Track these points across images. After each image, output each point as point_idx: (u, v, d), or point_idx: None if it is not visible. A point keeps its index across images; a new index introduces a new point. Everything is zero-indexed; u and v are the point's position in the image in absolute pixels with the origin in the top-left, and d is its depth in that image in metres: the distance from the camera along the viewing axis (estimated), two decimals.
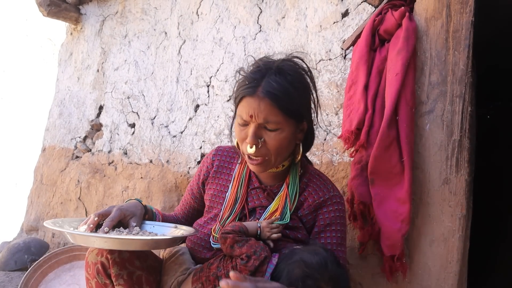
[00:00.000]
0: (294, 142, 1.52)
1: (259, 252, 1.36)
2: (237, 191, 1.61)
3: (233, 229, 1.43)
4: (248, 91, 1.39)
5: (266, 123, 1.39)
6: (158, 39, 3.30)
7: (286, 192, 1.55)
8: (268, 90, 1.36)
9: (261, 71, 1.42)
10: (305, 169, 1.64)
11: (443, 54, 1.91)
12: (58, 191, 3.85)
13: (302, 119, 1.49)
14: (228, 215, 1.58)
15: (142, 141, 3.22)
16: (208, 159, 1.75)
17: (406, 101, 1.87)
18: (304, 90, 1.47)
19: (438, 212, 1.85)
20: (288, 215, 1.51)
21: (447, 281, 1.81)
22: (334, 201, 1.56)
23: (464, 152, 1.83)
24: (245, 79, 1.43)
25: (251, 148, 1.41)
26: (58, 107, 4.13)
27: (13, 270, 3.39)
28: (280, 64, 1.43)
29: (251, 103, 1.38)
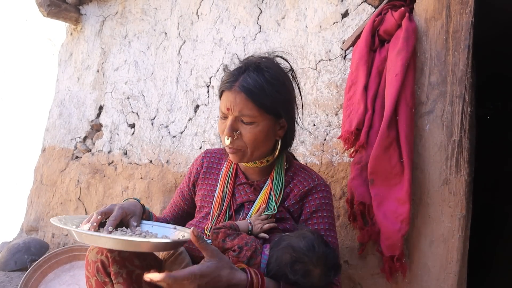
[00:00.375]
0: (273, 138, 1.57)
1: (250, 243, 1.39)
2: (224, 187, 1.67)
3: (224, 225, 1.47)
4: (226, 85, 1.48)
5: (241, 116, 1.47)
6: (158, 40, 3.30)
7: (270, 186, 1.60)
8: (243, 85, 1.44)
9: (240, 68, 1.51)
10: (290, 163, 1.69)
11: (443, 54, 1.91)
12: (58, 191, 3.85)
13: (280, 115, 1.53)
14: (218, 212, 1.63)
15: (142, 141, 3.22)
16: (197, 162, 1.81)
17: (406, 102, 1.87)
18: (282, 87, 1.51)
19: (438, 213, 1.85)
20: (275, 206, 1.56)
21: (447, 282, 1.81)
22: (319, 189, 1.60)
23: (464, 153, 1.83)
24: (226, 75, 1.53)
25: (227, 139, 1.49)
26: (58, 107, 4.13)
27: (13, 270, 3.38)
28: (259, 61, 1.51)
29: (228, 97, 1.47)
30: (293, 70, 1.62)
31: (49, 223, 3.88)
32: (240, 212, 1.63)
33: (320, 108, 2.29)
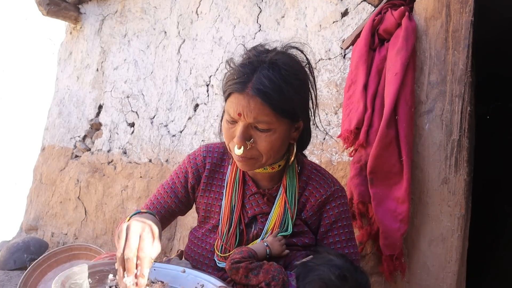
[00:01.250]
0: (287, 142, 1.39)
1: (277, 277, 1.26)
2: (232, 198, 1.47)
3: (242, 256, 1.31)
4: (236, 87, 1.24)
5: (256, 123, 1.26)
6: (157, 39, 3.30)
7: (284, 198, 1.44)
8: (259, 87, 1.21)
9: (252, 64, 1.26)
10: (302, 165, 1.52)
11: (443, 53, 1.91)
12: (58, 190, 3.85)
13: (298, 118, 1.34)
14: (227, 228, 1.45)
15: (142, 140, 3.22)
16: (198, 161, 1.54)
17: (405, 101, 1.87)
18: (300, 87, 1.30)
19: (437, 212, 1.85)
20: (290, 225, 1.42)
21: (446, 281, 1.81)
22: (336, 196, 1.47)
23: (463, 152, 1.83)
24: (234, 73, 1.28)
25: (239, 149, 1.28)
26: (57, 106, 4.13)
27: (12, 269, 3.38)
28: (274, 56, 1.27)
29: (240, 101, 1.24)
30: (309, 63, 1.40)
31: (49, 222, 3.88)
32: (252, 225, 1.47)
33: (319, 107, 2.29)
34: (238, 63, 1.31)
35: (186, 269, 1.34)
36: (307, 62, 1.39)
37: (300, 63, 1.34)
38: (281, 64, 1.25)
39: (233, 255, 1.34)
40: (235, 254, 1.33)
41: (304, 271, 1.30)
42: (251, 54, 1.30)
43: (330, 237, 1.46)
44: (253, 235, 1.45)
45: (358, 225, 1.95)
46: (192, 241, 1.56)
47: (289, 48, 1.36)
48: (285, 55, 1.31)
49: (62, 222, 3.76)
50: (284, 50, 1.34)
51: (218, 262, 1.45)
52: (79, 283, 1.14)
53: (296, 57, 1.35)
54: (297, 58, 1.35)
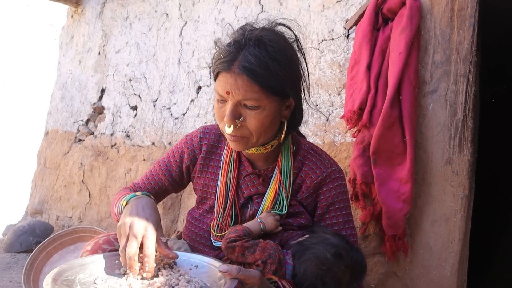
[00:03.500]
0: (279, 120, 1.38)
1: (273, 255, 1.27)
2: (227, 178, 1.49)
3: (237, 235, 1.31)
4: (223, 65, 1.25)
5: (245, 101, 1.26)
6: (159, 21, 3.28)
7: (279, 178, 1.44)
8: (245, 65, 1.22)
9: (238, 42, 1.26)
10: (298, 145, 1.51)
11: (448, 33, 1.89)
12: (62, 174, 3.87)
13: (288, 95, 1.33)
14: (223, 208, 1.47)
15: (144, 123, 3.22)
16: (193, 141, 1.56)
17: (409, 81, 1.85)
18: (289, 63, 1.29)
19: (440, 192, 1.85)
20: (285, 204, 1.43)
21: (448, 261, 1.82)
22: (333, 177, 1.46)
23: (468, 132, 1.82)
24: (221, 52, 1.28)
25: (229, 127, 1.28)
26: (60, 90, 4.13)
27: (18, 252, 3.43)
28: (260, 33, 1.26)
29: (227, 79, 1.25)
30: (298, 40, 1.39)
31: (54, 206, 3.91)
32: (248, 205, 1.48)
33: (322, 88, 2.27)
34: (225, 43, 1.31)
35: (178, 253, 1.31)
36: (295, 39, 1.38)
37: (287, 40, 1.34)
38: (267, 40, 1.25)
39: (228, 234, 1.34)
40: (230, 233, 1.33)
41: (300, 249, 1.30)
42: (237, 33, 1.31)
43: (327, 219, 1.45)
44: (249, 215, 1.46)
45: (361, 206, 1.95)
46: (190, 221, 1.58)
47: (276, 25, 1.35)
48: (271, 32, 1.30)
49: (66, 206, 3.79)
50: (270, 27, 1.33)
51: (214, 241, 1.47)
52: (71, 279, 1.12)
53: (283, 34, 1.34)
54: (284, 35, 1.34)
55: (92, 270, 1.19)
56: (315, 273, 1.23)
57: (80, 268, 1.17)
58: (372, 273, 1.99)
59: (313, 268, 1.24)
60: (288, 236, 1.42)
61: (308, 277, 1.24)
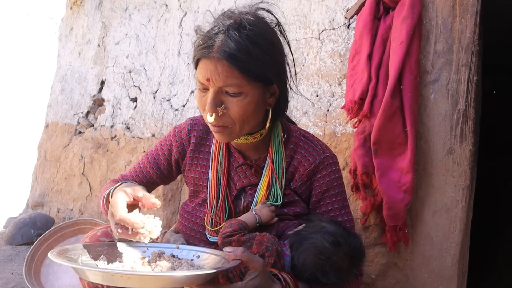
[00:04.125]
0: (263, 108, 1.34)
1: (271, 247, 1.25)
2: (217, 171, 1.45)
3: (233, 229, 1.29)
4: (203, 52, 1.21)
5: (226, 87, 1.23)
6: (159, 12, 3.25)
7: (271, 168, 1.41)
8: (224, 49, 1.18)
9: (217, 27, 1.23)
10: (289, 132, 1.48)
11: (450, 22, 1.87)
12: (62, 166, 3.86)
13: (271, 81, 1.30)
14: (216, 201, 1.44)
15: (144, 115, 3.21)
16: (182, 134, 1.53)
17: (410, 70, 1.84)
18: (270, 47, 1.26)
19: (442, 183, 1.84)
20: (280, 194, 1.40)
21: (449, 251, 1.81)
22: (327, 163, 1.42)
23: (469, 122, 1.81)
24: (200, 38, 1.26)
25: (210, 116, 1.25)
26: (60, 83, 4.11)
27: (19, 244, 3.43)
28: (240, 17, 1.24)
29: (207, 65, 1.21)
30: (280, 24, 1.36)
31: (54, 198, 3.91)
32: (241, 197, 1.45)
33: (323, 78, 2.25)
34: (204, 30, 1.29)
35: (180, 246, 1.33)
36: (276, 23, 1.35)
37: (268, 24, 1.31)
38: (247, 24, 1.21)
39: (224, 229, 1.31)
40: (225, 228, 1.31)
41: (298, 240, 1.29)
42: (217, 19, 1.29)
43: (322, 206, 1.43)
44: (243, 207, 1.44)
45: (362, 196, 1.94)
46: (183, 215, 1.55)
47: (256, 10, 1.32)
48: (251, 16, 1.27)
49: (67, 198, 3.79)
50: (250, 11, 1.30)
51: (209, 236, 1.44)
52: (73, 258, 1.14)
53: (264, 18, 1.31)
54: (265, 19, 1.31)
55: (94, 255, 1.20)
56: (314, 263, 1.22)
57: (82, 251, 1.19)
58: (372, 264, 1.99)
59: (312, 258, 1.22)
60: (284, 226, 1.40)
61: (307, 267, 1.23)
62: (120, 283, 0.98)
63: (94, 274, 1.01)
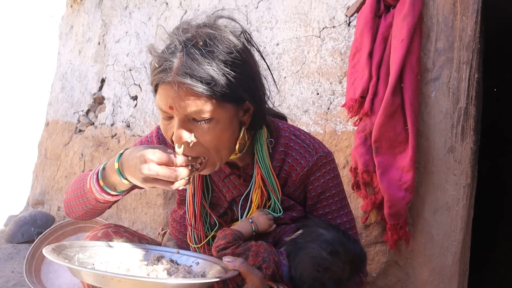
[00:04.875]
0: (238, 128, 1.19)
1: (267, 258, 1.18)
2: (193, 185, 1.35)
3: (227, 241, 1.22)
4: (161, 76, 1.06)
5: (193, 114, 1.07)
6: (159, 10, 3.25)
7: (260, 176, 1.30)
8: (185, 71, 1.03)
9: (173, 46, 1.07)
10: (278, 133, 1.35)
11: (450, 19, 1.86)
12: (62, 165, 3.86)
13: (243, 99, 1.15)
14: (194, 219, 1.35)
15: (145, 113, 3.21)
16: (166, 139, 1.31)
17: (411, 68, 1.83)
18: (237, 62, 1.10)
19: (443, 181, 1.83)
20: (278, 206, 1.32)
21: (450, 250, 1.81)
22: (320, 164, 1.32)
23: (470, 120, 1.80)
24: (155, 61, 1.09)
25: (179, 148, 1.09)
26: (60, 81, 4.11)
27: (20, 243, 3.44)
28: (197, 32, 1.08)
29: (167, 91, 1.06)
30: (245, 31, 1.20)
31: (55, 196, 3.91)
32: (233, 208, 1.36)
33: (323, 77, 2.25)
34: (160, 50, 1.12)
35: (180, 251, 1.30)
36: (241, 31, 1.19)
37: (232, 34, 1.14)
38: (207, 39, 1.07)
39: (218, 241, 1.24)
40: (219, 240, 1.24)
41: (294, 249, 1.22)
42: (172, 36, 1.12)
43: (319, 209, 1.36)
44: (237, 218, 1.36)
45: (363, 195, 1.94)
46: (172, 224, 1.49)
47: (216, 19, 1.16)
48: (211, 28, 1.11)
49: None
50: (209, 23, 1.14)
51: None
52: (70, 255, 1.11)
53: (225, 28, 1.14)
54: (228, 29, 1.15)
55: (92, 253, 1.18)
56: (312, 276, 1.16)
57: (80, 249, 1.16)
58: (373, 262, 1.99)
59: (309, 270, 1.16)
60: (281, 232, 1.33)
61: (305, 280, 1.17)
62: (112, 285, 0.96)
63: (86, 275, 0.99)
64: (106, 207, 1.33)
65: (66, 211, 1.38)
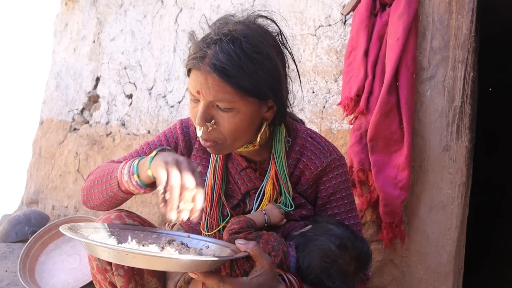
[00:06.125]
0: (258, 122, 1.27)
1: (277, 247, 1.22)
2: (213, 176, 1.41)
3: (240, 226, 1.26)
4: (193, 62, 1.15)
5: (216, 102, 1.16)
6: (154, 8, 3.23)
7: (275, 170, 1.36)
8: (215, 63, 1.11)
9: (210, 37, 1.15)
10: (295, 133, 1.41)
11: (446, 18, 1.86)
12: (57, 163, 3.84)
13: (266, 96, 1.21)
14: (210, 207, 1.40)
15: (140, 111, 3.19)
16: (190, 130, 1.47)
17: (407, 67, 1.83)
18: (265, 61, 1.16)
19: (438, 179, 1.83)
20: (289, 201, 1.37)
21: (446, 248, 1.81)
22: (333, 166, 1.38)
23: (465, 119, 1.81)
24: (192, 47, 1.19)
25: (199, 130, 1.19)
26: (54, 79, 4.09)
27: (14, 242, 3.41)
28: (234, 28, 1.15)
29: (197, 77, 1.15)
30: (282, 33, 1.27)
31: (49, 195, 3.89)
32: (247, 201, 1.41)
33: (319, 75, 2.25)
34: (199, 37, 1.20)
35: (190, 235, 1.32)
36: (278, 32, 1.26)
37: (265, 35, 1.20)
38: (242, 36, 1.13)
39: (231, 225, 1.29)
40: (233, 225, 1.28)
41: (303, 241, 1.26)
42: (213, 26, 1.20)
43: (328, 209, 1.41)
44: (249, 211, 1.40)
45: (358, 193, 1.94)
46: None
47: (256, 18, 1.22)
48: (248, 26, 1.17)
49: (62, 195, 3.77)
50: (248, 21, 1.20)
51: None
52: (85, 235, 1.14)
53: (262, 28, 1.22)
54: (264, 29, 1.22)
55: (106, 235, 1.20)
56: (319, 266, 1.19)
57: (94, 229, 1.19)
58: None
59: (317, 261, 1.20)
60: (290, 227, 1.37)
61: (312, 270, 1.20)
62: (127, 261, 0.99)
63: (101, 251, 1.02)
64: (125, 199, 1.33)
65: (83, 199, 1.39)
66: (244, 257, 1.16)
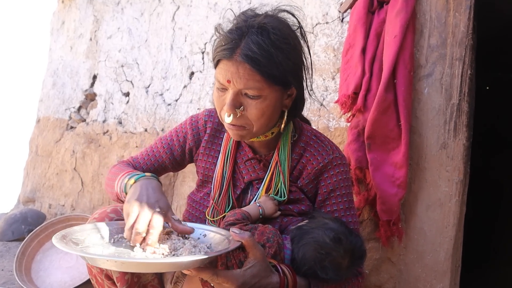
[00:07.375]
0: (280, 109, 1.37)
1: (272, 238, 1.25)
2: (224, 165, 1.49)
3: (236, 218, 1.31)
4: (225, 53, 1.23)
5: (246, 90, 1.24)
6: (151, 6, 3.22)
7: (276, 163, 1.43)
8: (247, 53, 1.20)
9: (240, 29, 1.24)
10: (301, 131, 1.49)
11: (443, 15, 1.86)
12: (54, 162, 3.83)
13: (290, 84, 1.32)
14: (218, 193, 1.48)
15: (137, 110, 3.18)
16: (199, 124, 1.55)
17: (404, 64, 1.82)
18: (291, 52, 1.27)
19: (435, 177, 1.83)
20: (284, 191, 1.42)
21: (443, 246, 1.81)
22: (335, 164, 1.44)
23: (463, 116, 1.80)
24: (222, 39, 1.26)
25: (228, 116, 1.26)
26: (51, 77, 4.07)
27: (10, 240, 3.40)
28: (263, 20, 1.23)
29: (229, 67, 1.23)
30: (302, 27, 1.37)
31: (46, 194, 3.88)
32: (248, 191, 1.48)
33: (316, 73, 2.24)
34: (226, 29, 1.28)
35: (188, 223, 1.33)
36: (298, 26, 1.36)
37: (290, 27, 1.32)
38: (270, 28, 1.22)
39: (227, 217, 1.33)
40: (229, 217, 1.33)
41: (299, 234, 1.29)
42: (239, 19, 1.28)
43: (327, 206, 1.44)
44: (249, 201, 1.46)
45: (356, 191, 1.93)
46: (190, 204, 1.58)
47: (279, 12, 1.33)
48: (275, 19, 1.28)
49: (59, 194, 3.75)
50: (274, 14, 1.31)
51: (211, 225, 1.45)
52: (81, 239, 1.16)
53: (286, 21, 1.32)
54: (288, 22, 1.32)
55: (104, 235, 1.22)
56: (313, 257, 1.22)
57: (91, 231, 1.22)
58: (366, 258, 1.98)
59: (311, 252, 1.23)
60: (288, 221, 1.41)
61: (306, 261, 1.23)
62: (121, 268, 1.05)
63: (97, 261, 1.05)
64: None
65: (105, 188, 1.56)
66: (240, 248, 1.18)
